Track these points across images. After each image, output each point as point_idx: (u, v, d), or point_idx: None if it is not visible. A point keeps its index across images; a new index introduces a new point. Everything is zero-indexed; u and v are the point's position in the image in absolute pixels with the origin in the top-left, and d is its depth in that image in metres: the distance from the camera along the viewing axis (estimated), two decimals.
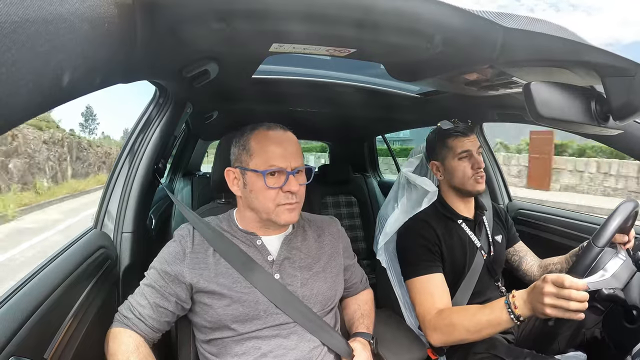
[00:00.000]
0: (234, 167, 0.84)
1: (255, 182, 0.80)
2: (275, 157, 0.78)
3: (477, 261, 1.11)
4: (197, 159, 2.90)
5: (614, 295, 0.85)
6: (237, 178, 0.84)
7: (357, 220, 2.30)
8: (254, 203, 0.81)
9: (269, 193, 0.79)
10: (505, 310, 0.84)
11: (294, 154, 0.81)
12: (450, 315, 0.96)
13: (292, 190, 0.79)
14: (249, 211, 0.85)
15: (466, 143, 1.13)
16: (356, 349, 0.85)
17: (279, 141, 0.80)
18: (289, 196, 0.79)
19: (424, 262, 1.06)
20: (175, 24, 0.57)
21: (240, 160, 0.82)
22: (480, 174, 1.12)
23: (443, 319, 0.97)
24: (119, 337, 0.76)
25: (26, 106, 0.33)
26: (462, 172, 1.13)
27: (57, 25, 0.31)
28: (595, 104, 0.61)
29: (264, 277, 0.81)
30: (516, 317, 0.82)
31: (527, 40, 0.61)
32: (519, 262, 1.26)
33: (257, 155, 0.79)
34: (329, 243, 0.94)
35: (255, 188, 0.80)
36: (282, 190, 0.79)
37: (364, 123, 2.18)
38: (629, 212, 0.92)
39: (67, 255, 0.78)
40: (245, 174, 0.81)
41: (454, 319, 0.95)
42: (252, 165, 0.79)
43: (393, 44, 0.70)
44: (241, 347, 0.79)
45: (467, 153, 1.12)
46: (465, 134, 1.14)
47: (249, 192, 0.81)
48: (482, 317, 0.88)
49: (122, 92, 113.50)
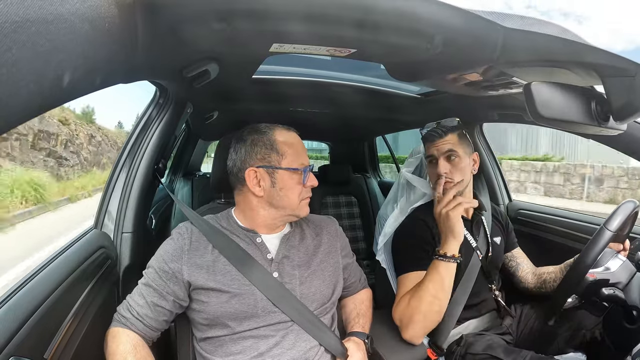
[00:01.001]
0: (258, 168, 0.83)
1: (287, 179, 0.83)
2: (304, 155, 0.87)
3: (474, 262, 1.10)
4: (197, 159, 2.90)
5: (614, 295, 0.85)
6: (261, 178, 0.84)
7: (357, 220, 2.30)
8: (282, 200, 0.84)
9: (299, 189, 0.85)
10: (439, 262, 0.97)
11: (306, 152, 0.89)
12: (406, 300, 1.01)
13: (314, 184, 0.88)
14: (267, 209, 0.86)
15: (431, 148, 1.12)
16: (350, 348, 0.85)
17: (298, 141, 0.89)
18: (309, 190, 0.88)
19: (415, 260, 1.06)
20: (175, 24, 0.57)
21: (269, 160, 0.83)
22: (440, 181, 1.07)
23: (403, 308, 1.01)
24: (118, 337, 0.77)
25: (26, 106, 0.33)
26: (430, 176, 1.16)
27: (58, 25, 0.31)
28: (596, 104, 0.61)
29: (262, 275, 0.81)
30: (450, 257, 0.96)
31: (528, 41, 0.61)
32: (515, 268, 1.25)
33: (289, 155, 0.84)
34: (326, 242, 0.94)
35: (287, 185, 0.84)
36: (304, 186, 0.86)
37: (364, 123, 2.18)
38: (630, 211, 0.92)
39: (67, 255, 0.78)
40: (276, 173, 0.83)
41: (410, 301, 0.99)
42: (286, 164, 0.83)
43: (393, 44, 0.70)
44: (237, 346, 0.79)
45: (432, 158, 1.12)
46: (430, 139, 1.12)
47: (279, 190, 0.83)
48: (427, 283, 0.97)
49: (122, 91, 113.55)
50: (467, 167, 1.11)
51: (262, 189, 0.84)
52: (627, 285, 0.87)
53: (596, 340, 0.99)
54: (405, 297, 1.02)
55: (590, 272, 0.87)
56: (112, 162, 1.11)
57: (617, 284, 0.86)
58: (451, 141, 1.09)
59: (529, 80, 0.61)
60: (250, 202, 0.86)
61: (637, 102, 0.55)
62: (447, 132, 1.10)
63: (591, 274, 0.87)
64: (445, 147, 1.09)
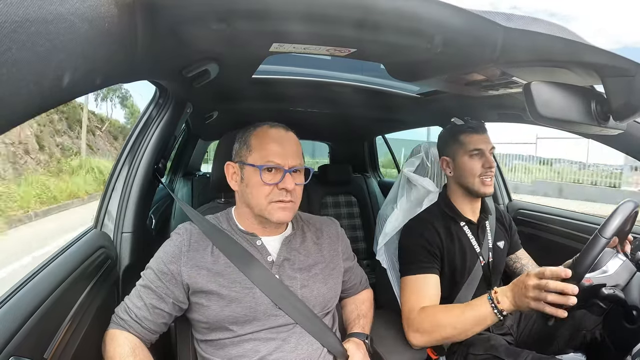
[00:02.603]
0: (234, 162, 0.86)
1: (251, 177, 0.81)
2: (273, 153, 0.80)
3: (477, 267, 1.10)
4: (197, 159, 2.90)
5: (614, 295, 0.85)
6: (235, 173, 0.85)
7: (357, 220, 2.30)
8: (248, 198, 0.83)
9: (264, 189, 0.80)
10: (488, 306, 0.87)
11: (293, 153, 0.82)
12: (435, 314, 0.96)
13: (287, 187, 0.79)
14: (244, 207, 0.86)
15: (479, 141, 1.11)
16: (350, 349, 0.85)
17: (278, 139, 0.82)
18: (283, 193, 0.80)
19: (421, 262, 1.06)
20: (175, 24, 0.57)
21: (240, 155, 0.84)
22: (489, 173, 1.09)
23: (427, 316, 0.97)
24: (116, 340, 0.76)
25: (26, 106, 0.33)
26: (470, 169, 1.11)
27: (58, 25, 0.31)
28: (596, 104, 0.61)
29: (264, 275, 0.80)
30: (499, 311, 0.86)
31: (528, 41, 0.61)
32: (520, 269, 1.24)
33: (256, 151, 0.81)
34: (327, 245, 0.93)
35: (251, 183, 0.81)
36: (277, 187, 0.79)
37: (364, 123, 2.18)
38: (630, 211, 0.92)
39: (67, 255, 0.78)
40: (244, 169, 0.83)
41: (439, 317, 0.95)
42: (250, 160, 0.81)
43: (393, 44, 0.70)
44: (238, 349, 0.78)
45: (479, 151, 1.11)
46: (477, 131, 1.12)
47: (245, 187, 0.83)
48: (468, 314, 0.91)
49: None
50: None
51: (236, 183, 0.85)
52: (627, 285, 0.87)
53: (596, 341, 0.99)
54: (433, 310, 0.98)
55: (587, 277, 0.86)
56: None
57: (616, 286, 0.86)
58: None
59: (529, 80, 0.61)
60: (237, 200, 0.89)
61: (637, 101, 0.55)
62: (485, 128, 1.15)
63: (587, 279, 0.86)
64: (490, 142, 1.12)
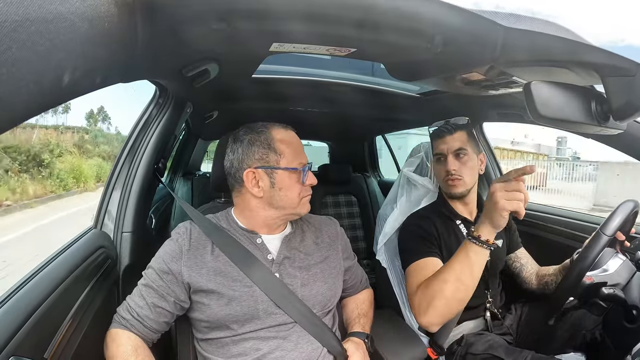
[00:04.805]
0: (256, 169, 0.82)
1: (286, 179, 0.83)
2: (302, 154, 0.86)
3: None
4: (197, 158, 2.90)
5: (614, 295, 0.85)
6: (260, 179, 0.82)
7: (357, 220, 2.30)
8: (281, 200, 0.83)
9: (298, 188, 0.84)
10: (470, 244, 0.83)
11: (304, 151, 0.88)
12: (427, 281, 0.92)
13: (314, 182, 0.87)
14: (267, 210, 0.84)
15: (440, 145, 1.11)
16: (349, 349, 0.85)
17: (296, 140, 0.88)
18: (309, 188, 0.87)
19: (419, 249, 1.04)
20: (175, 24, 0.57)
21: (268, 160, 0.82)
22: (450, 178, 1.07)
23: (423, 288, 0.92)
24: (117, 339, 0.76)
25: (27, 105, 0.33)
26: (438, 173, 1.14)
27: (58, 24, 0.31)
28: (596, 103, 0.61)
29: (264, 274, 0.80)
30: (483, 242, 0.81)
31: (528, 40, 0.61)
32: (520, 269, 1.23)
33: (288, 154, 0.83)
34: (327, 245, 0.93)
35: (286, 185, 0.83)
36: (304, 185, 0.85)
37: (364, 123, 2.18)
38: (630, 210, 0.92)
39: (67, 255, 0.78)
40: (275, 173, 0.82)
41: (430, 281, 0.91)
42: (284, 164, 0.82)
43: (393, 44, 0.70)
44: (239, 348, 0.79)
45: (440, 155, 1.11)
46: (440, 135, 1.11)
47: (278, 190, 0.82)
48: (453, 261, 0.86)
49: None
50: (475, 166, 1.10)
51: (261, 189, 0.82)
52: (627, 284, 0.87)
53: (596, 340, 0.99)
54: (426, 280, 0.93)
55: (588, 275, 0.86)
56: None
57: (616, 285, 0.86)
58: (461, 139, 1.09)
59: (529, 79, 0.61)
60: (249, 203, 0.85)
61: (637, 101, 0.55)
62: (457, 130, 1.10)
63: (588, 277, 0.86)
64: (455, 144, 1.09)
